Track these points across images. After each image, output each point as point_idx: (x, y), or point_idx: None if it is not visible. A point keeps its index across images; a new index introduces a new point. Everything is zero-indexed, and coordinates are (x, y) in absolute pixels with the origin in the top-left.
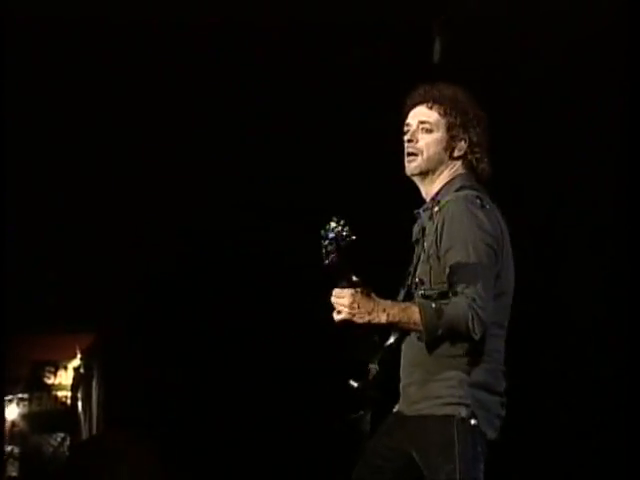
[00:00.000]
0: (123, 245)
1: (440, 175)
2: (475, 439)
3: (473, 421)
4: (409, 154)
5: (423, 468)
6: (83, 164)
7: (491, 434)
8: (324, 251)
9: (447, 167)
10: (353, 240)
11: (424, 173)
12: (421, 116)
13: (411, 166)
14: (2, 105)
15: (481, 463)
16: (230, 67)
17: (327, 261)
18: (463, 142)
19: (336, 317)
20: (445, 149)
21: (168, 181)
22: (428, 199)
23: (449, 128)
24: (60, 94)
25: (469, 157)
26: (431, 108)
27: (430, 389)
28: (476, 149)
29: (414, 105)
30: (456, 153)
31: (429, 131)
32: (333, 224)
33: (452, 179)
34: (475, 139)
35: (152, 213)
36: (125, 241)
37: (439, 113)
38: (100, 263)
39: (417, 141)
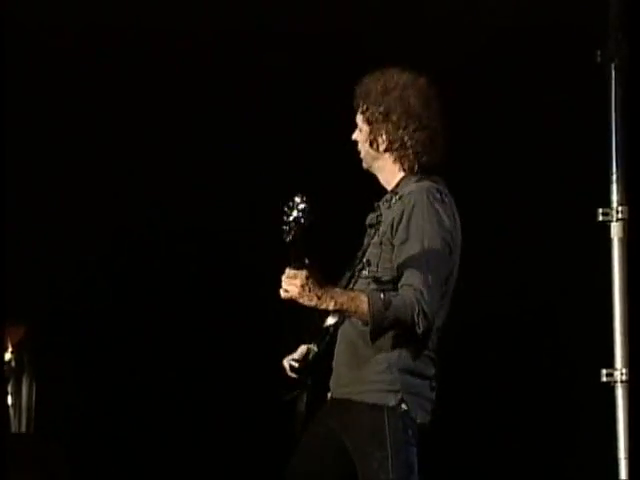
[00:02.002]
0: (57, 237)
1: (384, 168)
2: (406, 424)
3: (403, 406)
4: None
5: (353, 454)
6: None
7: (422, 418)
8: (286, 228)
9: (384, 161)
10: (314, 219)
11: (370, 168)
12: (356, 118)
13: (363, 164)
14: None
15: (413, 447)
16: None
17: (288, 238)
18: (383, 136)
19: (283, 295)
20: (371, 145)
21: (94, 170)
22: (389, 188)
23: (368, 123)
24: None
25: (397, 149)
26: (357, 107)
27: (359, 373)
28: (394, 143)
29: None
30: (381, 148)
31: (359, 130)
32: (297, 199)
33: (407, 175)
34: (391, 135)
35: (85, 205)
36: (58, 233)
37: (359, 111)
38: (33, 254)
39: (358, 142)
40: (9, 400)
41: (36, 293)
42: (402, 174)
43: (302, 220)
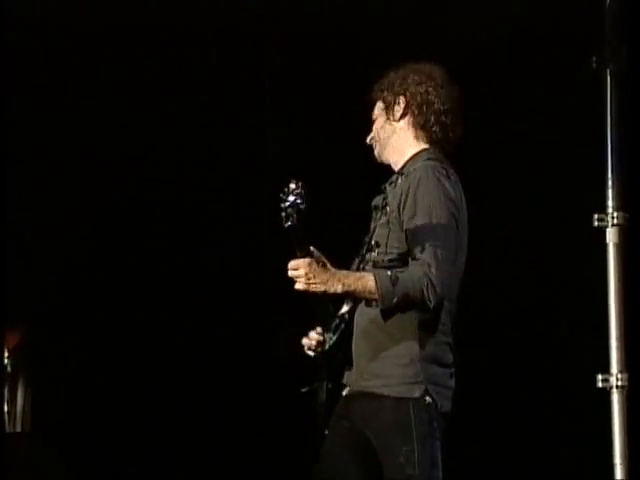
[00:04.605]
0: (52, 243)
1: (397, 146)
2: (431, 416)
3: (428, 399)
4: (374, 147)
5: (377, 448)
6: None
7: (445, 407)
8: (283, 214)
9: (399, 134)
10: (311, 203)
11: (382, 152)
12: (372, 114)
13: (375, 154)
14: None
15: (437, 440)
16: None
17: (287, 224)
18: (400, 102)
19: (296, 287)
20: (387, 119)
21: (91, 175)
22: (397, 170)
23: (383, 100)
24: None
25: (414, 113)
26: (375, 101)
27: (381, 366)
28: (412, 103)
29: None
30: (397, 115)
31: (375, 120)
32: (292, 186)
33: (417, 153)
34: (408, 94)
35: (76, 210)
36: (53, 238)
37: (377, 100)
38: (29, 260)
39: (373, 134)
40: (5, 406)
41: (31, 298)
42: (414, 150)
43: (299, 205)
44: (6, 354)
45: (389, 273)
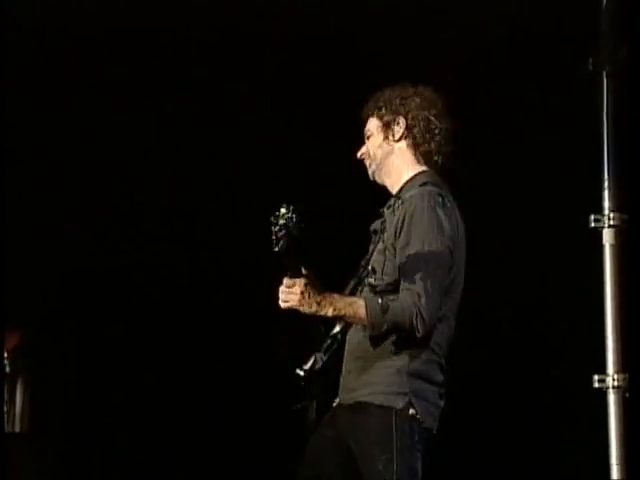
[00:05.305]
0: (50, 243)
1: (393, 167)
2: (412, 428)
3: (411, 411)
4: (368, 165)
5: (358, 456)
6: None
7: (429, 423)
8: (274, 238)
9: (397, 154)
10: (303, 227)
11: (379, 172)
12: (365, 130)
13: (369, 173)
14: None
15: (418, 452)
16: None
17: (277, 248)
18: (400, 122)
19: (282, 305)
20: (385, 138)
21: (88, 175)
22: (394, 193)
23: (381, 119)
24: None
25: (414, 136)
26: (368, 117)
27: (368, 376)
28: (414, 126)
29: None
30: (396, 136)
31: (369, 137)
32: (283, 210)
33: (415, 176)
34: (410, 116)
35: (76, 210)
36: (52, 239)
37: (372, 116)
38: (28, 260)
39: (367, 150)
40: (4, 406)
41: (31, 299)
42: (411, 173)
43: (289, 229)
44: (5, 355)
45: (380, 301)
